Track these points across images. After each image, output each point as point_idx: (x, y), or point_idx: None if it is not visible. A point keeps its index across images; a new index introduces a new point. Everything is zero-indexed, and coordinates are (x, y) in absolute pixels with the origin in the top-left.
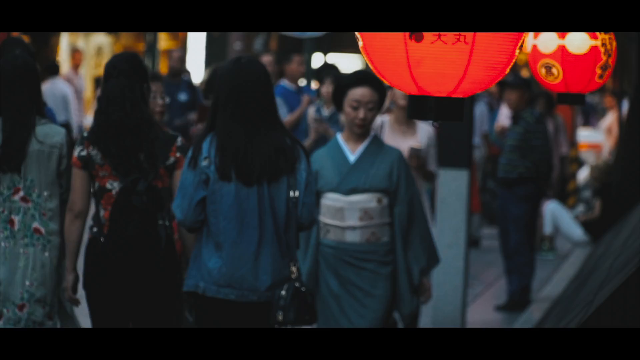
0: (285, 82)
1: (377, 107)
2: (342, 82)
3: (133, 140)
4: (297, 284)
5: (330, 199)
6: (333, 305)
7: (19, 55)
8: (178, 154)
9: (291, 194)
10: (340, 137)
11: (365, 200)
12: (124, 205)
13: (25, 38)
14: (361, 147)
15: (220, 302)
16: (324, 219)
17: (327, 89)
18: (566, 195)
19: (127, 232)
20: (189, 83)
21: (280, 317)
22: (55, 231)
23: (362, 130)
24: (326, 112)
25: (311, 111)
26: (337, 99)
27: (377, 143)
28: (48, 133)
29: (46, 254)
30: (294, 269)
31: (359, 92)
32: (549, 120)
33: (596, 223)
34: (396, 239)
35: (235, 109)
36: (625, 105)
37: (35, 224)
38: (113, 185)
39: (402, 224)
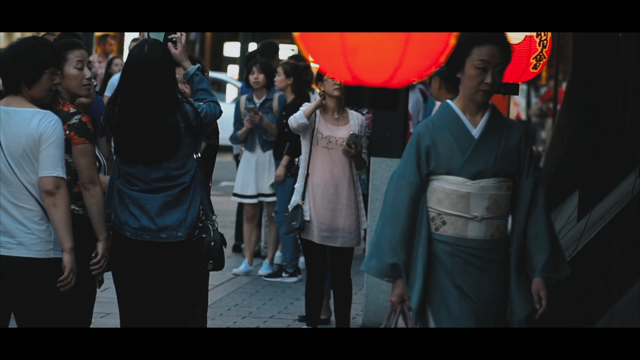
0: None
1: (503, 70)
2: (465, 39)
3: None
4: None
5: (453, 183)
6: (443, 310)
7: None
8: (68, 132)
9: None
10: (454, 106)
11: (495, 186)
12: None
13: None
14: (483, 120)
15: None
16: (439, 207)
17: (256, 77)
18: None
19: None
20: None
21: None
22: None
23: (486, 99)
24: (257, 100)
25: (242, 100)
26: (457, 59)
27: (498, 114)
28: None
29: None
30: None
31: (486, 51)
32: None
33: None
34: (514, 230)
35: (134, 93)
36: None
37: None
38: None
39: (523, 212)
